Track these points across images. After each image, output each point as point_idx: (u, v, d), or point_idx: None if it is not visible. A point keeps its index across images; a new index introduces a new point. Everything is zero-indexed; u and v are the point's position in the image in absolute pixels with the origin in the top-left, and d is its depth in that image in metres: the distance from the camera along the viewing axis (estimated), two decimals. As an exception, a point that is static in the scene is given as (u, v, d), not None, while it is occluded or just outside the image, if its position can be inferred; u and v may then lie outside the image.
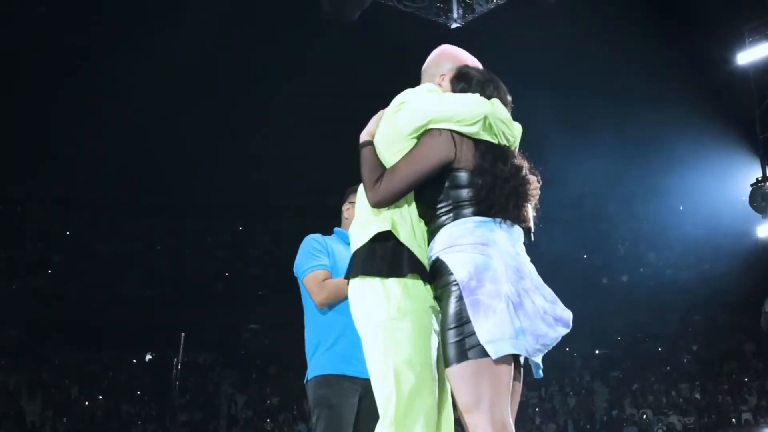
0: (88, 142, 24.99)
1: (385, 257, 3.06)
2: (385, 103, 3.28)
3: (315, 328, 4.42)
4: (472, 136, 3.06)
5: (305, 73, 23.54)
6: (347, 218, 4.59)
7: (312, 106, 24.32)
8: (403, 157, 3.06)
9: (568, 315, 2.96)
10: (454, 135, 3.05)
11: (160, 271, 29.74)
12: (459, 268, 2.91)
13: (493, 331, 2.79)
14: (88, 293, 26.86)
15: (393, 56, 21.11)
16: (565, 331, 2.94)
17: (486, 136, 3.07)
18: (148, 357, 27.32)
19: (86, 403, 22.81)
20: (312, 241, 4.57)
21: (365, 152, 3.14)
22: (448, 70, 3.33)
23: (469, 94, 3.16)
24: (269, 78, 24.29)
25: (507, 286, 2.86)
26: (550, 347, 2.94)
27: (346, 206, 4.66)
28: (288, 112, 24.71)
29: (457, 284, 2.89)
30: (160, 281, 29.27)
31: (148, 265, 29.80)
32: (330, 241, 4.59)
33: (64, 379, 23.82)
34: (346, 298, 4.29)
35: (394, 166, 3.06)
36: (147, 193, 29.29)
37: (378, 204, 3.06)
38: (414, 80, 3.48)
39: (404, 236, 3.07)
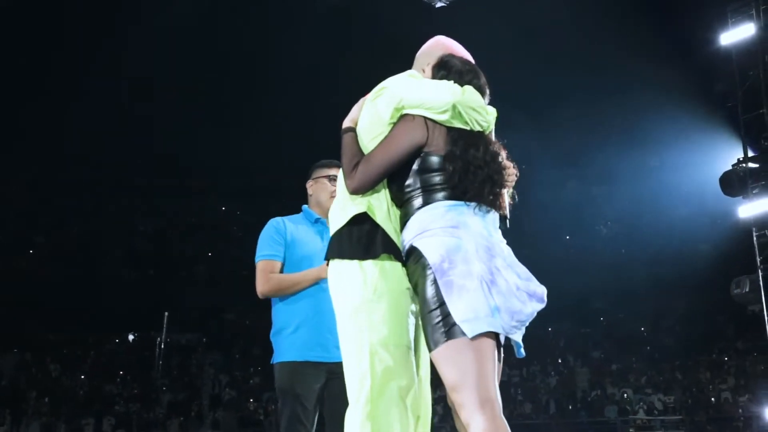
0: (71, 123, 24.85)
1: (361, 239, 3.09)
2: (371, 84, 3.29)
3: (278, 312, 4.47)
4: (444, 123, 3.08)
5: (291, 54, 23.46)
6: (311, 194, 4.66)
7: (297, 86, 24.24)
8: (378, 144, 3.10)
9: (542, 290, 2.96)
10: (427, 120, 3.08)
11: (143, 252, 29.68)
12: (431, 252, 2.92)
13: (468, 310, 2.80)
14: (71, 273, 26.77)
15: (380, 35, 21.10)
16: (539, 306, 2.94)
17: (457, 123, 3.09)
18: (131, 337, 27.30)
19: (69, 383, 22.77)
20: (271, 228, 4.57)
21: (346, 139, 3.18)
22: (435, 59, 3.36)
23: (444, 82, 3.18)
24: (253, 60, 24.21)
25: (479, 265, 2.87)
26: (526, 323, 2.94)
27: (309, 183, 4.71)
28: (272, 93, 24.63)
29: (430, 268, 2.90)
30: (143, 262, 29.21)
31: (131, 246, 29.73)
32: (292, 223, 4.59)
33: (46, 359, 23.76)
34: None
35: (369, 154, 3.10)
36: (129, 174, 29.20)
37: (356, 191, 3.10)
38: (400, 59, 3.49)
39: (380, 218, 3.11)
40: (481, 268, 2.86)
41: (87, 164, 28.05)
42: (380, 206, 3.13)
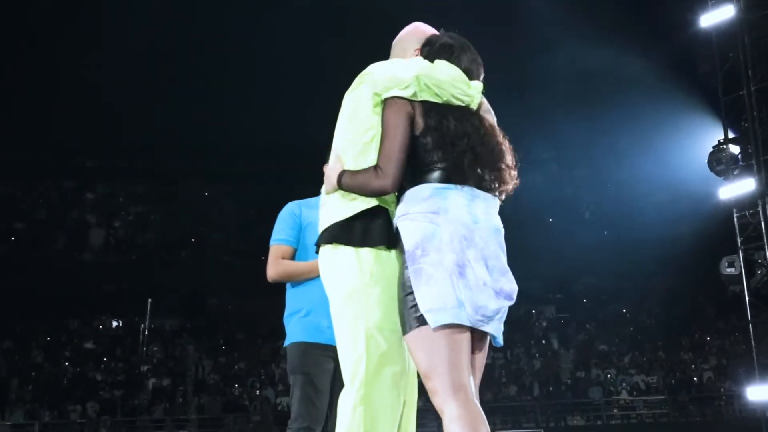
0: (51, 107, 24.69)
1: (357, 227, 3.06)
2: (351, 70, 3.26)
3: (292, 294, 4.48)
4: (413, 99, 3.03)
5: (269, 42, 23.34)
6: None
7: (278, 73, 24.14)
8: (381, 140, 3.01)
9: (510, 288, 2.92)
10: (409, 101, 3.02)
11: (126, 238, 29.55)
12: (408, 237, 2.90)
13: (434, 300, 2.79)
14: (53, 260, 26.64)
15: (356, 25, 21.07)
16: (506, 303, 2.91)
17: (426, 96, 3.04)
18: (115, 323, 27.21)
19: (52, 369, 22.69)
20: (286, 212, 4.57)
21: (347, 175, 3.04)
22: (417, 42, 3.31)
23: (415, 59, 3.16)
24: (234, 45, 24.05)
25: (451, 255, 2.83)
26: (494, 319, 2.88)
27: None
28: (253, 78, 24.54)
29: (405, 253, 2.91)
30: (125, 247, 29.09)
31: (113, 232, 29.60)
32: (308, 207, 4.55)
33: (29, 347, 23.66)
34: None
35: (380, 152, 2.99)
36: (111, 159, 29.05)
37: (393, 187, 2.97)
38: (374, 49, 3.47)
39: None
40: (452, 259, 2.83)
41: (68, 149, 27.87)
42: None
